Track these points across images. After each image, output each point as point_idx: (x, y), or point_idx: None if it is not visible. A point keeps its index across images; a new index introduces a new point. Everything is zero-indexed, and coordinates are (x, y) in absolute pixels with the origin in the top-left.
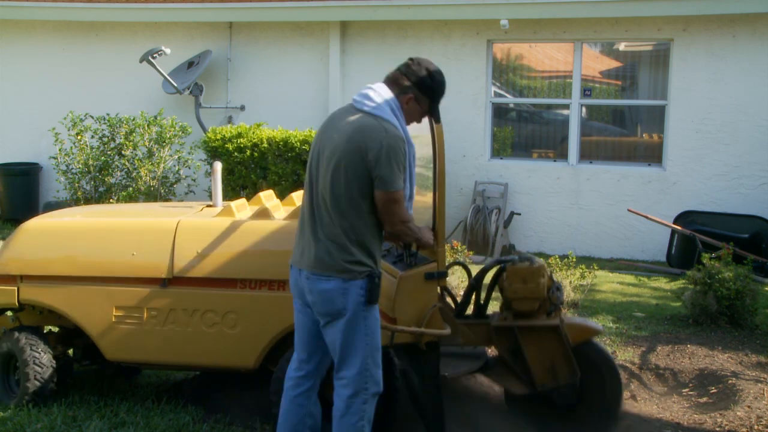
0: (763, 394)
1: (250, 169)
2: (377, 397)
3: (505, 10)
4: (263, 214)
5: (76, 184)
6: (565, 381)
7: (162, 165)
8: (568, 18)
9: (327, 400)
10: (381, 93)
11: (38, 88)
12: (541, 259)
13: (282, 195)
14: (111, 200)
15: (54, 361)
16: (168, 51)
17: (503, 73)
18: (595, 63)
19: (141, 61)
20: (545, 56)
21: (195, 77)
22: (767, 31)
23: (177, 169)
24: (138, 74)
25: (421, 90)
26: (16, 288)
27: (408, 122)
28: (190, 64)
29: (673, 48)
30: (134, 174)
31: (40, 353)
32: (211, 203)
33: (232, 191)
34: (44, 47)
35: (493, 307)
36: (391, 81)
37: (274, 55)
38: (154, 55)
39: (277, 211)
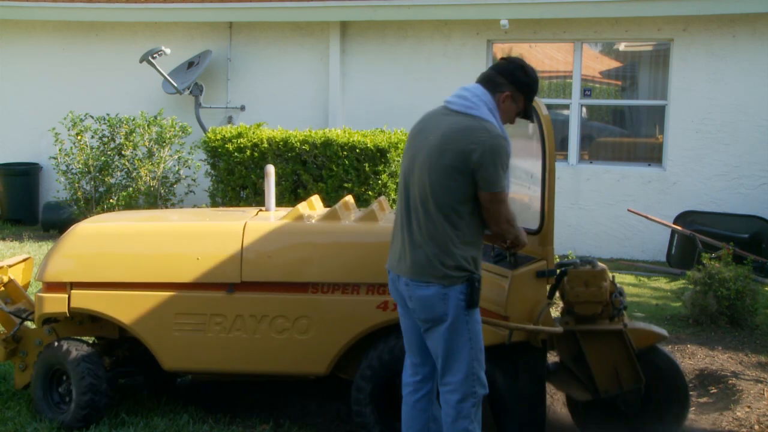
0: (763, 394)
1: (250, 169)
2: (483, 399)
3: (505, 10)
4: (332, 216)
5: (76, 184)
6: (628, 387)
7: (162, 165)
8: (568, 18)
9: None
10: (476, 93)
11: (38, 88)
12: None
13: (282, 195)
14: (111, 200)
15: (106, 373)
16: (168, 51)
17: None
18: (595, 63)
19: (141, 61)
20: (545, 56)
21: (195, 77)
22: (767, 31)
23: (177, 169)
24: (138, 74)
25: (517, 87)
26: (66, 296)
27: (503, 122)
28: (190, 64)
29: (673, 48)
30: (134, 174)
31: (94, 365)
32: (263, 208)
33: (232, 191)
34: (44, 47)
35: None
36: (486, 80)
37: (274, 55)
38: (154, 55)
39: (346, 213)
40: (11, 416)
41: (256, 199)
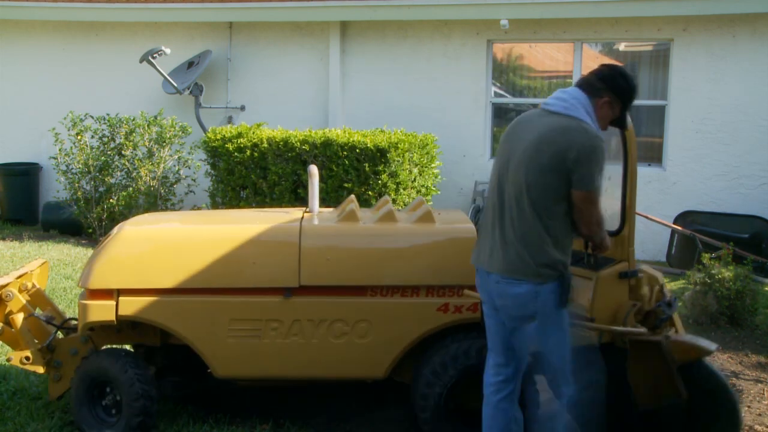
0: (763, 394)
1: (250, 169)
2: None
3: (505, 10)
4: (389, 217)
5: (76, 184)
6: (667, 402)
7: (162, 165)
8: (568, 18)
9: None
10: (575, 95)
11: (38, 88)
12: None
13: (282, 195)
14: (111, 200)
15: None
16: (168, 51)
17: (503, 73)
18: (595, 63)
19: (141, 61)
20: (545, 56)
21: (195, 77)
22: (767, 31)
23: (177, 169)
24: (138, 74)
25: (617, 94)
26: (114, 303)
27: (599, 128)
28: (190, 64)
29: (673, 48)
30: (134, 174)
31: (142, 371)
32: (306, 208)
33: (232, 191)
34: (44, 47)
35: None
36: (586, 84)
37: (274, 55)
38: (154, 55)
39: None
40: (11, 416)
41: (256, 199)
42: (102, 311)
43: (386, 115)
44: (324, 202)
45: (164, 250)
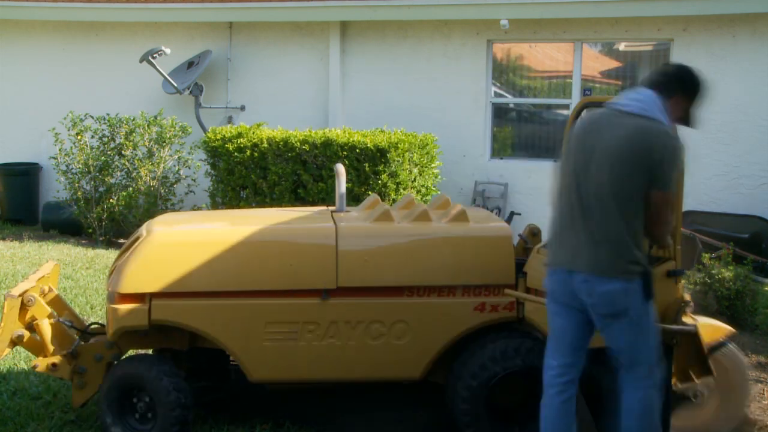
0: (764, 393)
1: (250, 169)
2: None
3: (505, 10)
4: (424, 217)
5: (76, 184)
6: (697, 381)
7: (162, 165)
8: (568, 18)
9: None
10: (650, 96)
11: (38, 88)
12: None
13: (282, 195)
14: (111, 200)
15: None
16: (168, 51)
17: (503, 73)
18: (595, 63)
19: (141, 61)
20: (545, 56)
21: (195, 77)
22: (767, 31)
23: (177, 169)
24: (138, 74)
25: (688, 94)
26: (147, 307)
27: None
28: (190, 64)
29: (673, 48)
30: (134, 174)
31: (177, 378)
32: (332, 207)
33: (232, 191)
34: (44, 47)
35: None
36: (656, 84)
37: (274, 55)
38: (154, 55)
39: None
40: (11, 416)
41: (256, 199)
42: (134, 315)
43: (386, 115)
44: (324, 202)
45: (199, 252)
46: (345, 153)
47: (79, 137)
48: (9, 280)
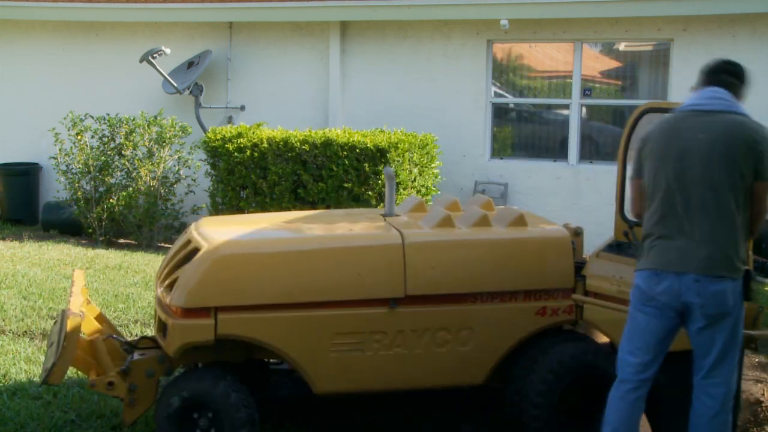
0: (764, 393)
1: (250, 169)
2: None
3: (505, 10)
4: (483, 222)
5: (76, 184)
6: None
7: (162, 165)
8: (568, 18)
9: None
10: (726, 94)
11: (38, 88)
12: None
13: (282, 195)
14: (111, 200)
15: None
16: (168, 51)
17: (503, 73)
18: (595, 63)
19: (141, 61)
20: (545, 56)
21: (195, 77)
22: (767, 31)
23: (177, 169)
24: (138, 74)
25: (746, 85)
26: (213, 322)
27: None
28: (190, 64)
29: (673, 48)
30: (134, 174)
31: (244, 394)
32: (381, 211)
33: (232, 191)
34: (44, 47)
35: None
36: (723, 82)
37: (274, 55)
38: (154, 55)
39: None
40: (11, 416)
41: (256, 199)
42: (200, 330)
43: (386, 115)
44: (324, 202)
45: (266, 264)
46: (345, 153)
47: (79, 137)
48: (9, 280)
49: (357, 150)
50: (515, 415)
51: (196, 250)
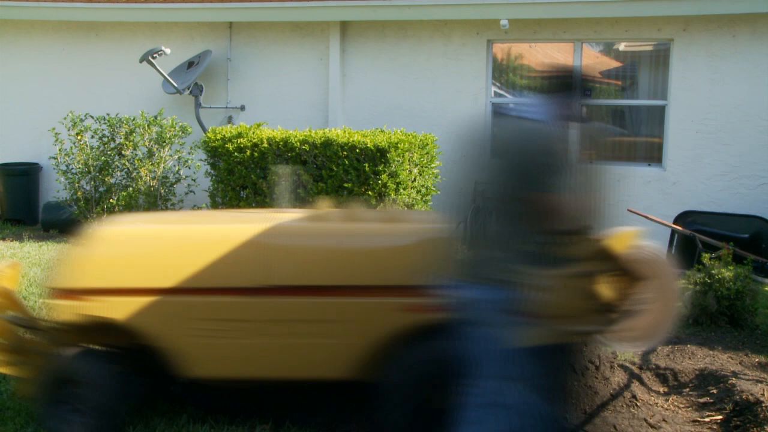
0: (764, 393)
1: (250, 169)
2: None
3: (505, 10)
4: (354, 218)
5: (76, 184)
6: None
7: (162, 165)
8: (568, 18)
9: None
10: (534, 98)
11: (38, 88)
12: None
13: (282, 195)
14: (111, 200)
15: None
16: (168, 51)
17: (503, 73)
18: (595, 63)
19: (141, 61)
20: (545, 56)
21: (195, 77)
22: (767, 31)
23: (177, 169)
24: (138, 74)
25: (567, 90)
26: (80, 303)
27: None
28: (190, 64)
29: (673, 48)
30: (134, 174)
31: (111, 375)
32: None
33: (232, 191)
34: (44, 47)
35: None
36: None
37: (274, 55)
38: (154, 55)
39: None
40: (11, 416)
41: (256, 199)
42: (69, 311)
43: (386, 115)
44: (324, 203)
45: (134, 249)
46: (345, 153)
47: (79, 137)
48: None
49: (357, 150)
50: (379, 411)
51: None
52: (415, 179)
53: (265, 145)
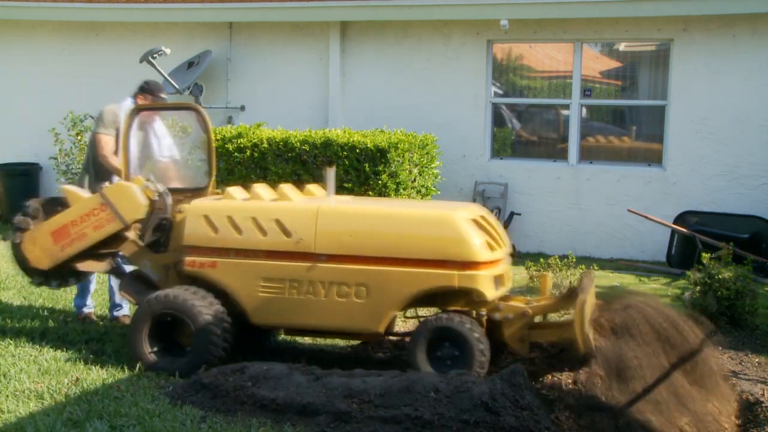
0: (764, 394)
1: (250, 169)
2: None
3: (505, 10)
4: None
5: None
6: None
7: None
8: (568, 18)
9: None
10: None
11: (38, 88)
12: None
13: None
14: None
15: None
16: (168, 51)
17: (503, 73)
18: (595, 63)
19: (141, 61)
20: (545, 56)
21: (195, 77)
22: (767, 31)
23: None
24: (138, 74)
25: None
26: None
27: None
28: (190, 64)
29: (673, 48)
30: None
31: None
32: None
33: None
34: (44, 47)
35: None
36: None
37: (274, 55)
38: (154, 55)
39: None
40: (10, 416)
41: None
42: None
43: (386, 115)
44: None
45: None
46: (345, 153)
47: (79, 137)
48: (9, 280)
49: (357, 150)
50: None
51: None
52: (415, 179)
53: (265, 145)
